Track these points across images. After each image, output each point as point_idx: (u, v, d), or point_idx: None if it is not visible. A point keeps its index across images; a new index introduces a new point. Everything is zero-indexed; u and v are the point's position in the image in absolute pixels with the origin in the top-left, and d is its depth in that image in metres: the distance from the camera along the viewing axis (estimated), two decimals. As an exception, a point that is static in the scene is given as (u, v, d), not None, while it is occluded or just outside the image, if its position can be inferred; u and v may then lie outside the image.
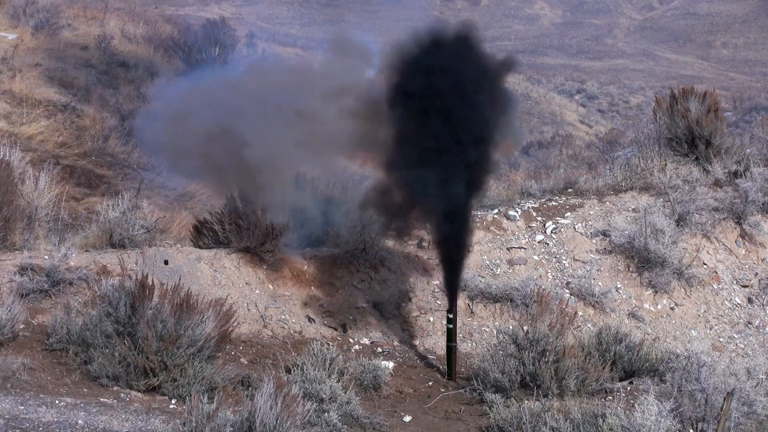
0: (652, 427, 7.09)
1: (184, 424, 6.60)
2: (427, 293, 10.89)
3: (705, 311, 11.31)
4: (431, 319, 10.70)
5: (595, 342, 9.64)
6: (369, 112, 10.07)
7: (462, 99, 9.53)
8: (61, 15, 27.62)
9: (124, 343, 8.20)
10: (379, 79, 10.10)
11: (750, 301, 11.51)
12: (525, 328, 9.20)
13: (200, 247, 10.89)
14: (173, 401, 8.03)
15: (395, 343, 10.37)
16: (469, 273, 10.92)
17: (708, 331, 11.10)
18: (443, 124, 9.47)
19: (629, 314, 11.09)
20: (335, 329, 10.36)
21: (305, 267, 10.74)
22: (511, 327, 9.88)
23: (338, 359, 8.79)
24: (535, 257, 11.46)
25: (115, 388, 8.07)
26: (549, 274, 11.32)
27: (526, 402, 8.27)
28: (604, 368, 9.11)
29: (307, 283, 10.64)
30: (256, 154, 10.05)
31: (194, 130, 10.22)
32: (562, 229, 11.75)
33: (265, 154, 10.09)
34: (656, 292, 11.32)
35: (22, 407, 7.29)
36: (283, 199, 10.52)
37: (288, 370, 8.63)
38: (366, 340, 10.32)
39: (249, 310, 10.14)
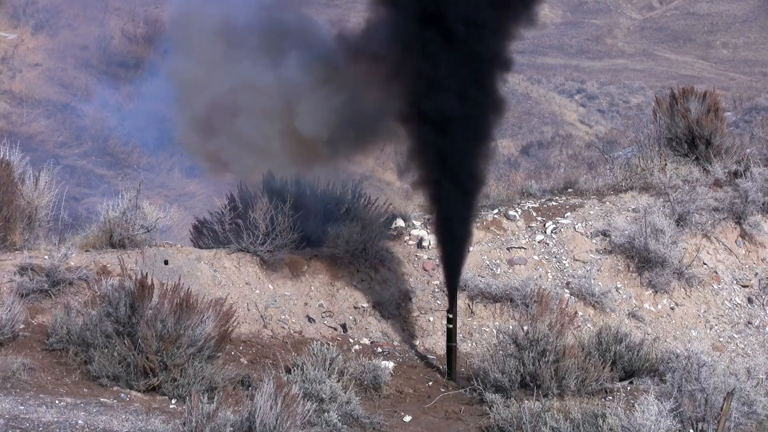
0: (652, 427, 7.09)
1: (184, 424, 6.60)
2: (427, 293, 10.89)
3: (705, 311, 11.31)
4: (431, 319, 10.70)
5: (595, 342, 9.64)
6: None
7: None
8: (61, 15, 27.63)
9: (124, 343, 8.20)
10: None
11: (750, 301, 11.51)
12: (525, 328, 9.20)
13: (200, 247, 10.90)
14: (173, 401, 8.03)
15: (395, 343, 10.37)
16: (469, 273, 10.92)
17: (708, 331, 11.10)
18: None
19: (629, 314, 11.09)
20: (335, 329, 10.36)
21: (305, 267, 10.74)
22: (511, 327, 9.88)
23: (338, 359, 8.79)
24: (535, 257, 11.46)
25: (115, 388, 8.07)
26: (549, 274, 11.32)
27: (526, 402, 8.27)
28: (604, 368, 9.11)
29: (307, 283, 10.64)
30: None
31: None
32: (562, 229, 11.75)
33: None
34: (656, 292, 11.32)
35: (22, 407, 7.29)
36: None
37: (288, 370, 8.63)
38: (366, 340, 10.32)
39: (249, 310, 10.14)
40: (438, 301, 10.79)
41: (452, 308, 9.73)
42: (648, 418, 7.13)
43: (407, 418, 8.57)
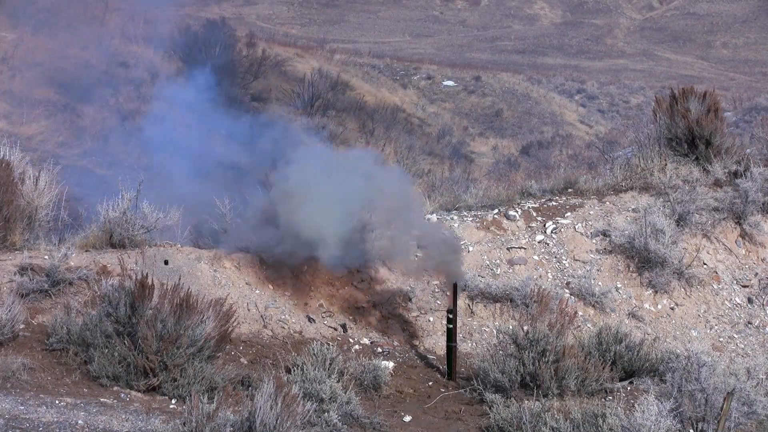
0: (652, 427, 7.09)
1: (184, 424, 6.60)
2: (427, 293, 10.89)
3: (705, 311, 11.31)
4: (431, 319, 10.70)
5: (595, 342, 9.64)
6: None
7: None
8: (61, 15, 27.62)
9: (124, 343, 8.20)
10: None
11: (750, 301, 11.51)
12: (525, 328, 9.20)
13: (200, 247, 10.89)
14: (173, 401, 8.03)
15: (395, 343, 10.37)
16: (469, 273, 10.92)
17: (708, 331, 11.10)
18: None
19: (629, 314, 11.09)
20: (335, 329, 10.36)
21: (305, 267, 10.74)
22: (511, 327, 9.88)
23: (338, 359, 8.79)
24: (535, 257, 11.46)
25: (115, 388, 8.07)
26: (549, 274, 11.32)
27: (526, 402, 8.28)
28: (604, 368, 9.11)
29: (307, 283, 10.64)
30: None
31: None
32: (562, 229, 11.75)
33: None
34: (656, 292, 11.32)
35: (22, 407, 7.29)
36: None
37: (288, 370, 8.63)
38: (366, 340, 10.32)
39: (249, 310, 10.14)
40: (438, 301, 10.79)
41: (452, 308, 9.73)
42: (648, 418, 7.13)
43: (407, 418, 8.57)
